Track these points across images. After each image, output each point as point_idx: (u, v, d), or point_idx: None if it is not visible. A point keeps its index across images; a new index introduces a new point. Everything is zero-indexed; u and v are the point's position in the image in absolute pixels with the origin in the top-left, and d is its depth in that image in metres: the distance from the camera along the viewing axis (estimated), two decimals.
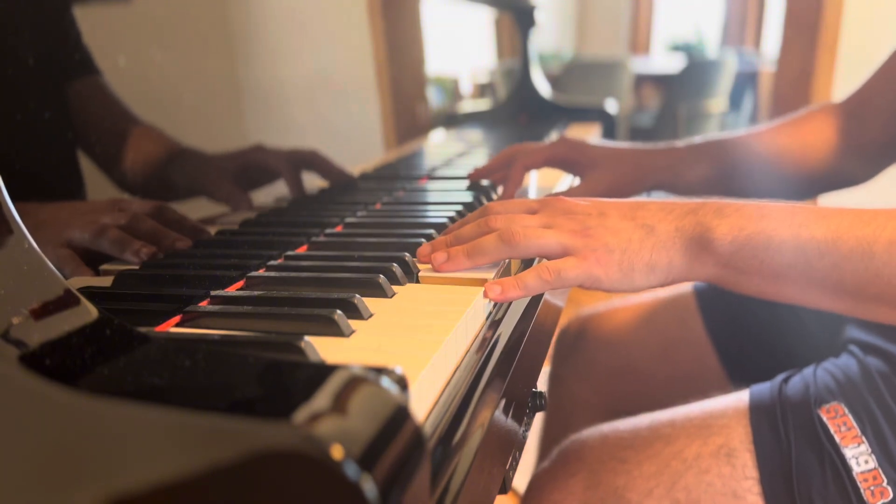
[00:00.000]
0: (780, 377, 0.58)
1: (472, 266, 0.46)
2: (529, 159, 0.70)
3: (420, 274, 0.46)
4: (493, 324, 0.41)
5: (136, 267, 0.47)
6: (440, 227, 0.56)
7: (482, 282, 0.43)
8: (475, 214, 0.51)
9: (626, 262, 0.45)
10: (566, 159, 0.71)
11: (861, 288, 0.43)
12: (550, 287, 0.45)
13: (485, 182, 0.74)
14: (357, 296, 0.38)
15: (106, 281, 0.45)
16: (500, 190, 0.73)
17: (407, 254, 0.47)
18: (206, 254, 0.50)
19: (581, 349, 0.85)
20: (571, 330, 0.88)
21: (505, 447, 0.39)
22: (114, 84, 0.50)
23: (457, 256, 0.46)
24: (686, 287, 0.83)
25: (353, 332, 0.36)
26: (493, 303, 0.44)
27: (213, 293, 0.41)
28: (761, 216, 0.45)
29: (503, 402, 0.36)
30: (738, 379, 0.76)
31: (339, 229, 0.57)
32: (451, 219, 0.59)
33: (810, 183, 0.74)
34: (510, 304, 0.44)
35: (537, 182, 0.78)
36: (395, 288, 0.43)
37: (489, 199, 0.69)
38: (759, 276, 0.45)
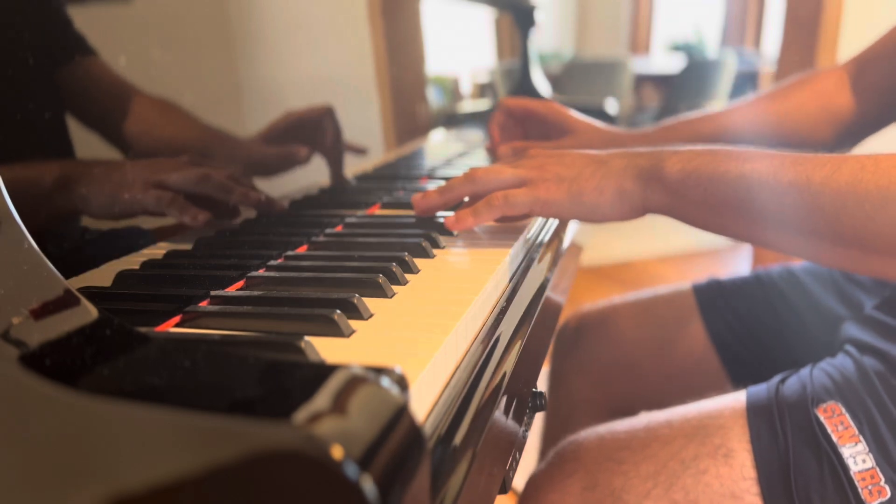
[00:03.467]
0: (776, 378, 0.58)
1: (442, 202, 0.53)
2: (513, 102, 0.77)
3: (421, 273, 0.46)
4: (494, 323, 0.41)
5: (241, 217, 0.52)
6: (440, 227, 0.56)
7: (482, 282, 0.43)
8: None
9: (574, 188, 0.50)
10: (546, 118, 0.76)
11: (800, 221, 0.44)
12: (500, 212, 0.50)
13: None
14: (357, 296, 0.38)
15: (106, 280, 0.45)
16: None
17: (407, 253, 0.47)
18: (206, 254, 0.50)
19: (580, 346, 0.85)
20: (570, 326, 0.88)
21: (505, 447, 0.39)
22: None
23: (430, 195, 0.54)
24: (685, 285, 0.83)
25: (353, 332, 0.36)
26: (493, 303, 0.44)
27: (213, 293, 0.41)
28: (712, 152, 0.48)
29: (503, 401, 0.36)
30: (737, 377, 0.76)
31: (339, 229, 0.57)
32: None
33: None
34: (511, 304, 0.44)
35: None
36: (394, 288, 0.43)
37: None
38: (704, 205, 0.47)
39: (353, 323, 0.37)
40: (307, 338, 0.31)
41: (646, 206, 0.50)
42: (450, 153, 0.96)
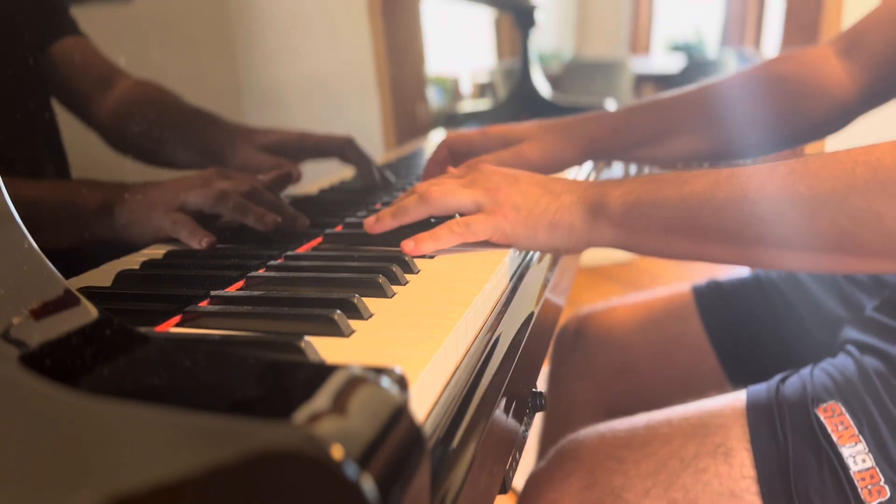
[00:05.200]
0: (777, 377, 0.58)
1: (397, 225, 0.51)
2: (456, 138, 0.71)
3: (421, 273, 0.46)
4: (494, 323, 0.41)
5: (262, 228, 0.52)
6: None
7: (482, 282, 0.43)
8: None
9: (530, 220, 0.50)
10: (490, 146, 0.69)
11: (741, 231, 0.44)
12: (461, 239, 0.49)
13: None
14: (357, 296, 0.38)
15: (106, 280, 0.45)
16: None
17: (407, 254, 0.47)
18: (206, 254, 0.50)
19: (580, 348, 0.85)
20: (570, 329, 0.88)
21: (505, 447, 0.39)
22: None
23: (384, 218, 0.51)
24: (685, 287, 0.83)
25: (353, 332, 0.36)
26: (493, 303, 0.44)
27: (213, 293, 0.41)
28: (651, 180, 0.48)
29: (503, 401, 0.36)
30: (737, 378, 0.76)
31: (338, 229, 0.57)
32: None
33: (789, 131, 0.70)
34: (510, 304, 0.44)
35: None
36: (395, 288, 0.43)
37: None
38: (650, 232, 0.48)
39: (353, 323, 0.37)
40: (307, 338, 0.31)
41: (590, 241, 0.50)
42: None
